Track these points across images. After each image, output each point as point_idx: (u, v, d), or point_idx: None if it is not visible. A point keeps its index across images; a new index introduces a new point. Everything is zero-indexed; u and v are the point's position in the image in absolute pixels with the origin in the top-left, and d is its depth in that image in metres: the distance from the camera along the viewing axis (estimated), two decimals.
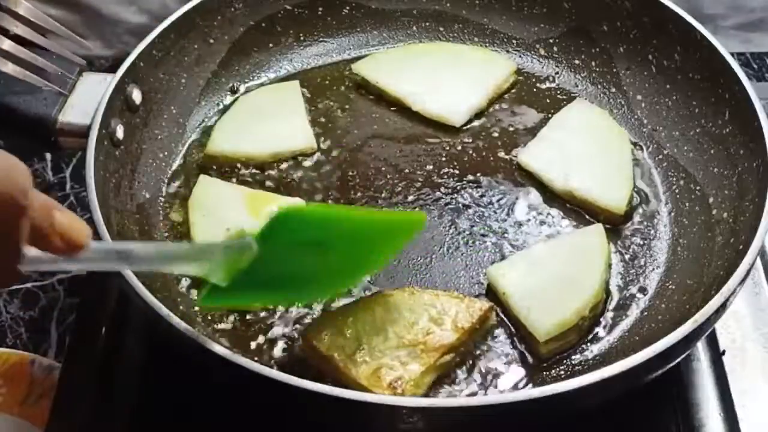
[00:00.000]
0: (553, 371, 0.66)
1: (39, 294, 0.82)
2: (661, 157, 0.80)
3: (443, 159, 0.80)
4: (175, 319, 0.58)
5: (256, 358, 0.65)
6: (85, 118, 0.71)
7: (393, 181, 0.78)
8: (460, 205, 0.77)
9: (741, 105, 0.73)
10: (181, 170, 0.80)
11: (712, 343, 0.71)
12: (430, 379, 0.64)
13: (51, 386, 0.71)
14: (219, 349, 0.56)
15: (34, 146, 0.83)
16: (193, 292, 0.70)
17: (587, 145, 0.79)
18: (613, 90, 0.85)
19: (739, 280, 0.60)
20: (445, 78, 0.85)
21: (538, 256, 0.71)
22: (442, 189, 0.78)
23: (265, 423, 0.65)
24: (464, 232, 0.74)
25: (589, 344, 0.68)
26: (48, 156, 0.93)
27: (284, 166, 0.80)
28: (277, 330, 0.68)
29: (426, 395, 0.63)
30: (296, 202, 0.75)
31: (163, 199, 0.77)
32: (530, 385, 0.65)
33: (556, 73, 0.88)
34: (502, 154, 0.81)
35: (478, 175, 0.79)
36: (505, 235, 0.74)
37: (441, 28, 0.91)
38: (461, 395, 0.64)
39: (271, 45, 0.89)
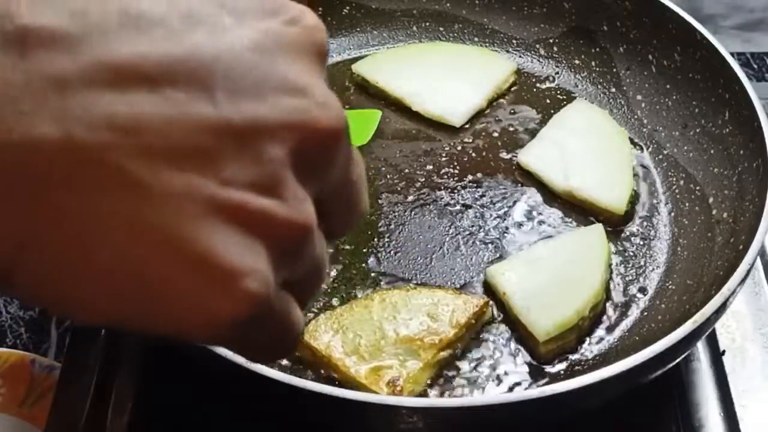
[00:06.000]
0: (553, 371, 0.66)
1: None
2: (661, 157, 0.80)
3: (443, 159, 0.80)
4: None
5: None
6: None
7: (393, 181, 0.78)
8: (460, 205, 0.77)
9: (741, 105, 0.73)
10: None
11: (712, 343, 0.71)
12: (428, 377, 0.64)
13: (51, 386, 0.71)
14: (218, 349, 0.56)
15: None
16: None
17: (587, 145, 0.79)
18: (613, 90, 0.85)
19: (739, 280, 0.60)
20: (445, 78, 0.85)
21: (538, 256, 0.71)
22: (442, 189, 0.78)
23: (265, 423, 0.65)
24: (464, 232, 0.74)
25: (589, 344, 0.68)
26: None
27: None
28: None
29: (424, 393, 0.64)
30: None
31: None
32: (530, 385, 0.65)
33: (556, 73, 0.88)
34: (502, 154, 0.81)
35: (478, 175, 0.79)
36: (505, 235, 0.74)
37: (441, 28, 0.91)
38: (460, 395, 0.64)
39: None
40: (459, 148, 0.81)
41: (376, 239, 0.74)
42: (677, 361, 0.61)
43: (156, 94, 0.28)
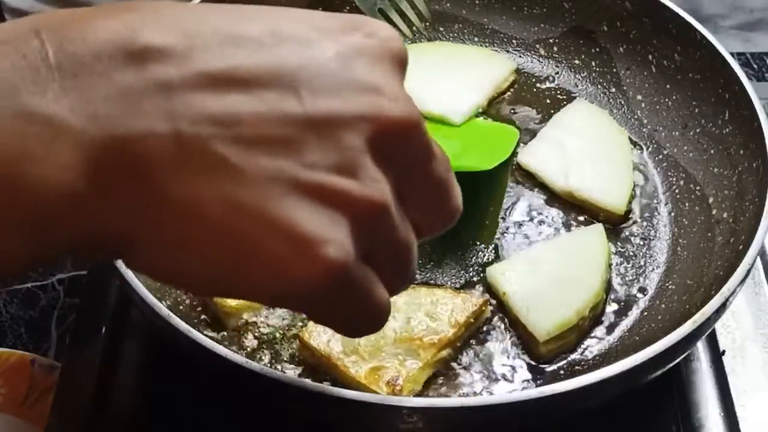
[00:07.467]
0: (553, 371, 0.66)
1: (39, 294, 0.82)
2: (661, 157, 0.80)
3: None
4: (176, 320, 0.58)
5: (254, 358, 0.65)
6: None
7: None
8: None
9: (741, 105, 0.73)
10: None
11: (712, 343, 0.71)
12: (428, 376, 0.64)
13: (51, 386, 0.71)
14: (219, 349, 0.56)
15: None
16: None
17: (587, 145, 0.79)
18: (613, 90, 0.85)
19: (739, 280, 0.60)
20: (445, 78, 0.85)
21: (538, 256, 0.71)
22: None
23: (265, 423, 0.65)
24: None
25: (589, 344, 0.68)
26: None
27: None
28: (274, 331, 0.68)
29: (424, 393, 0.64)
30: None
31: None
32: (530, 385, 0.65)
33: (556, 73, 0.88)
34: None
35: None
36: (505, 235, 0.74)
37: (441, 28, 0.91)
38: (460, 395, 0.64)
39: None
40: None
41: None
42: (677, 361, 0.61)
43: (249, 94, 0.34)
